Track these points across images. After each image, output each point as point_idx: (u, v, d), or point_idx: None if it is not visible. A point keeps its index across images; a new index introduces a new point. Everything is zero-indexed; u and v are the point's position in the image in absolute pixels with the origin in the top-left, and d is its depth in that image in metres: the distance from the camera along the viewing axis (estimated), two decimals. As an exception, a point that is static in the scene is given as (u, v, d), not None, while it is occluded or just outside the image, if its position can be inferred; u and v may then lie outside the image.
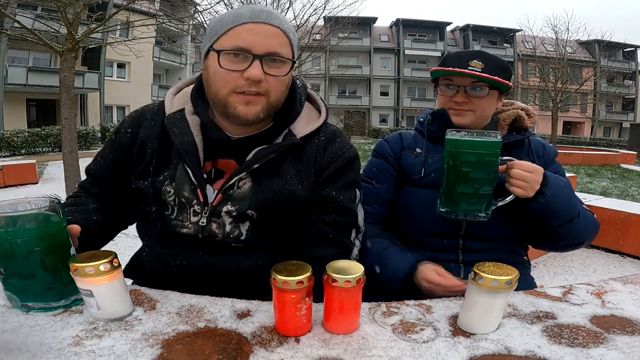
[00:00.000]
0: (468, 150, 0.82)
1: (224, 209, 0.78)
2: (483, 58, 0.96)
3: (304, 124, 0.83)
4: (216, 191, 0.80)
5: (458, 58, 0.98)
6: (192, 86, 0.87)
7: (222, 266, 0.81)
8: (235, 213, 0.78)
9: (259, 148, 0.79)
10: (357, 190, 0.86)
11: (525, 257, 1.08)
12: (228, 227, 0.79)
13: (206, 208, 0.79)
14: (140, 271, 0.87)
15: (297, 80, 0.87)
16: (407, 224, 1.05)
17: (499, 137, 0.82)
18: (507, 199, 0.90)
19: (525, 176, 0.86)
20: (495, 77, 0.93)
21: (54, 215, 0.66)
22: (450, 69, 0.95)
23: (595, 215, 1.00)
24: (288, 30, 0.75)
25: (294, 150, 0.82)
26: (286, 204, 0.80)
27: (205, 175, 0.80)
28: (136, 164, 0.85)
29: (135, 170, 0.85)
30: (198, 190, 0.78)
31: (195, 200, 0.79)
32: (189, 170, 0.78)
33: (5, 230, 0.61)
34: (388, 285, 0.94)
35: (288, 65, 0.75)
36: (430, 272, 0.89)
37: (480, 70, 0.94)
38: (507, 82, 0.95)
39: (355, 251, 0.86)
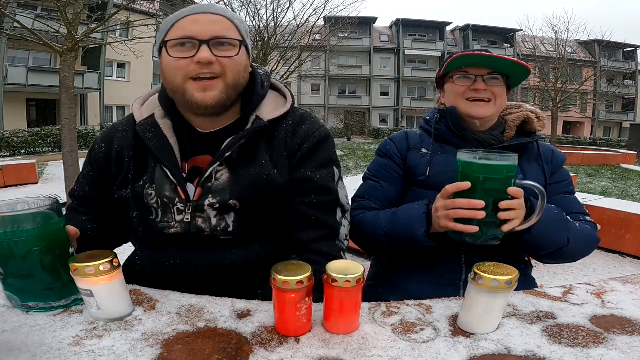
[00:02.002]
0: (481, 175, 0.76)
1: (206, 202, 0.79)
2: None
3: (272, 110, 0.84)
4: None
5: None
6: (156, 95, 0.90)
7: (216, 261, 0.81)
8: (217, 205, 0.79)
9: (230, 138, 0.80)
10: (334, 168, 0.86)
11: (526, 258, 1.08)
12: (214, 221, 0.80)
13: (189, 204, 0.80)
14: (134, 275, 0.85)
15: (260, 70, 0.89)
16: None
17: (515, 158, 0.76)
18: (527, 223, 0.81)
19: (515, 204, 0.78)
20: (518, 61, 0.93)
21: (53, 215, 0.66)
22: (479, 52, 0.94)
23: (597, 227, 0.97)
24: (232, 17, 0.79)
25: (264, 135, 0.83)
26: (266, 191, 0.80)
27: (184, 175, 0.81)
28: (116, 176, 0.86)
29: (115, 182, 0.86)
30: (179, 188, 0.79)
31: (177, 199, 0.80)
32: (167, 171, 0.79)
33: (4, 231, 0.61)
34: (411, 230, 0.88)
35: (238, 46, 0.78)
36: (439, 200, 0.85)
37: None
38: (526, 64, 0.94)
39: (344, 231, 0.85)
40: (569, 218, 0.92)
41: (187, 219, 0.80)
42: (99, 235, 0.88)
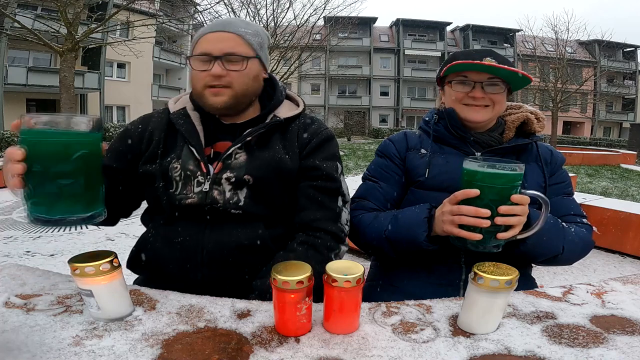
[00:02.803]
0: (487, 183, 0.76)
1: (224, 176, 0.89)
2: (495, 56, 0.95)
3: (287, 111, 0.99)
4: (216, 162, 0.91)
5: (470, 56, 0.96)
6: (189, 94, 1.02)
7: (223, 239, 0.89)
8: (233, 179, 0.89)
9: (250, 128, 0.93)
10: (337, 163, 0.98)
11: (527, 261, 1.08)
12: (228, 194, 0.89)
13: (208, 177, 0.89)
14: (146, 252, 0.93)
15: (280, 82, 1.06)
16: None
17: (521, 167, 0.75)
18: (528, 232, 0.81)
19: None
20: (519, 70, 0.92)
21: (98, 128, 0.69)
22: (477, 61, 0.92)
23: (593, 229, 0.97)
24: (244, 33, 0.90)
25: (279, 129, 0.97)
26: (277, 170, 0.91)
27: (206, 157, 0.92)
28: (144, 152, 0.96)
29: (142, 157, 0.95)
30: (201, 163, 0.90)
31: (199, 172, 0.90)
32: (193, 149, 0.91)
33: (60, 131, 0.64)
34: (412, 234, 0.89)
35: (247, 61, 0.89)
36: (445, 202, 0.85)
37: None
38: (528, 75, 0.93)
39: (345, 216, 0.94)
40: (564, 224, 0.92)
41: (206, 188, 0.89)
42: (111, 187, 0.92)
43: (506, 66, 0.91)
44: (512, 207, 0.76)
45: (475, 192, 0.77)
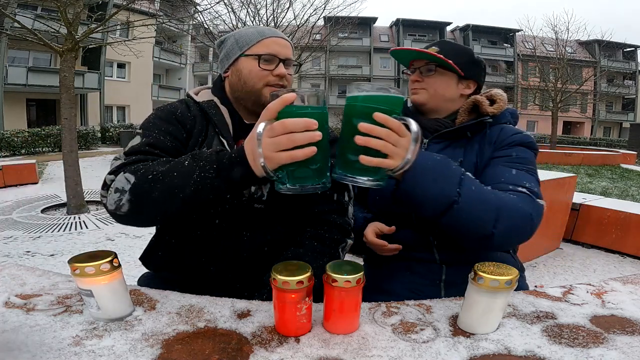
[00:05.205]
0: (352, 103, 0.67)
1: None
2: (441, 45, 1.04)
3: None
4: None
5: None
6: (208, 90, 1.05)
7: (239, 233, 0.93)
8: None
9: None
10: None
11: (512, 259, 1.03)
12: (253, 188, 0.93)
13: None
14: (161, 246, 0.95)
15: None
16: (370, 206, 1.13)
17: (392, 91, 0.66)
18: (403, 165, 0.68)
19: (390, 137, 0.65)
20: (430, 52, 0.99)
21: None
22: (399, 47, 1.06)
23: (538, 202, 0.81)
24: (290, 43, 1.00)
25: None
26: None
27: None
28: (188, 139, 0.94)
29: (185, 146, 0.94)
30: None
31: None
32: (224, 141, 0.94)
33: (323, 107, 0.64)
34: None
35: (295, 67, 1.00)
36: (369, 230, 1.00)
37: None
38: (448, 60, 0.99)
39: (351, 210, 1.02)
40: (469, 176, 0.78)
41: None
42: None
43: (423, 49, 1.01)
44: (373, 126, 0.64)
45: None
